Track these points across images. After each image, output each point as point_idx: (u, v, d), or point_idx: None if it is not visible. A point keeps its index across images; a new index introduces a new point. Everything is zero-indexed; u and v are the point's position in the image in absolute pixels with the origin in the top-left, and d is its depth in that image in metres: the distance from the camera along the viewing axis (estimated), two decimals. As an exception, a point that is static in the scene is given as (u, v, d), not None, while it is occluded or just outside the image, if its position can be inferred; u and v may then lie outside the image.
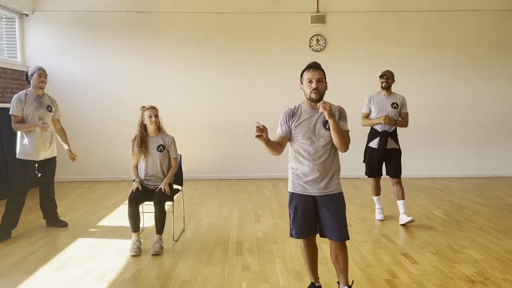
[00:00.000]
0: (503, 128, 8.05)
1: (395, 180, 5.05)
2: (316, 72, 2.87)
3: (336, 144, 2.84)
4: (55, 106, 4.90)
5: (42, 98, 4.76)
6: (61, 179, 7.79)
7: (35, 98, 4.70)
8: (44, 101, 4.78)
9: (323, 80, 2.89)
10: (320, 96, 2.87)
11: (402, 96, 5.05)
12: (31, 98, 4.67)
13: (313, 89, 2.85)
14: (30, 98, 4.67)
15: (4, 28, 7.54)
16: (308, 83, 2.88)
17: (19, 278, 3.54)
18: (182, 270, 3.71)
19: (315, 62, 2.94)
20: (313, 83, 2.85)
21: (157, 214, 4.19)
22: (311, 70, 2.88)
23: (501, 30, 7.91)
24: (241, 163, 7.96)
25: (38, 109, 4.68)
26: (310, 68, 2.89)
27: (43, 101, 4.76)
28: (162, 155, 4.35)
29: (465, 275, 3.53)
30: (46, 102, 4.79)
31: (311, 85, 2.86)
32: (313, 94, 2.86)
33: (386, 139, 4.95)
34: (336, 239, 2.91)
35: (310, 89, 2.86)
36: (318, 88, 2.85)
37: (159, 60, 7.82)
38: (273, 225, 5.03)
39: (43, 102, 4.76)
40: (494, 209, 5.64)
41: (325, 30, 7.84)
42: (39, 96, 4.73)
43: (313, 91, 2.85)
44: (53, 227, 4.99)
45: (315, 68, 2.88)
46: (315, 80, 2.85)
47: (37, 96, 4.72)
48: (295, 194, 2.97)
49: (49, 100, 4.85)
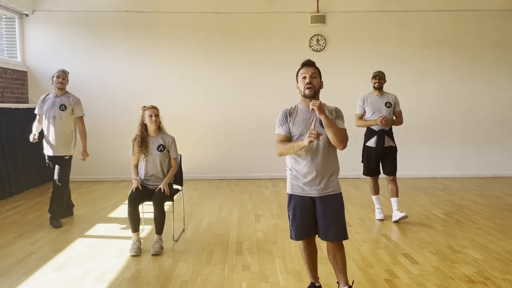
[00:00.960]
0: (503, 128, 8.05)
1: (390, 178, 5.09)
2: (310, 68, 2.88)
3: (332, 140, 2.81)
4: (73, 105, 5.06)
5: (59, 97, 5.05)
6: (61, 179, 7.81)
7: (52, 98, 5.07)
8: (60, 100, 5.04)
9: (317, 76, 2.89)
10: (315, 92, 2.86)
11: (394, 95, 5.12)
12: (50, 98, 5.08)
13: (307, 83, 2.85)
14: (49, 97, 5.09)
15: (4, 28, 7.54)
16: (302, 79, 2.89)
17: (19, 278, 3.54)
18: (182, 270, 3.71)
19: (309, 59, 2.95)
20: (306, 78, 2.86)
21: (157, 214, 4.19)
22: (305, 67, 2.90)
23: (501, 30, 7.91)
24: (241, 163, 7.96)
25: (51, 108, 5.01)
26: (304, 66, 2.91)
27: (58, 100, 5.04)
28: (162, 155, 4.35)
29: (465, 275, 3.53)
30: (61, 102, 5.03)
31: (305, 80, 2.86)
32: (307, 90, 2.85)
33: (384, 138, 4.99)
34: (333, 239, 2.90)
35: (304, 85, 2.86)
36: (312, 83, 2.85)
37: (159, 60, 7.82)
38: (273, 225, 5.03)
39: (58, 101, 5.03)
40: (494, 209, 5.64)
41: (325, 30, 7.84)
42: (56, 96, 5.07)
43: (307, 86, 2.85)
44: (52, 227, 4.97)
45: (309, 65, 2.90)
46: (308, 76, 2.86)
47: (55, 96, 5.07)
48: (293, 196, 2.97)
49: (67, 100, 5.06)
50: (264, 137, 7.58)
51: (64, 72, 5.08)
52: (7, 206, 5.97)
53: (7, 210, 5.74)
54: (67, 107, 5.02)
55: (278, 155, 2.95)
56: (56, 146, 5.01)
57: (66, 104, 5.02)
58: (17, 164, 6.75)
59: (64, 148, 5.03)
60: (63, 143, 5.02)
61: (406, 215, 4.95)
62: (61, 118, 4.99)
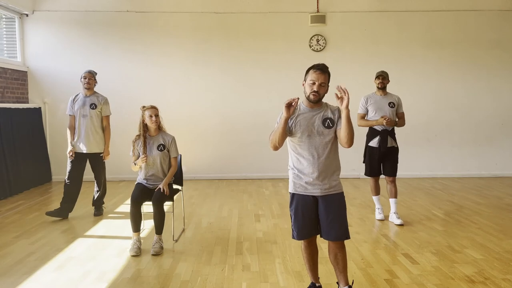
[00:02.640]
0: (503, 128, 8.05)
1: (390, 179, 5.09)
2: (322, 76, 2.83)
3: (345, 137, 2.78)
4: (101, 104, 5.37)
5: (89, 97, 5.35)
6: (61, 179, 7.79)
7: (82, 98, 5.36)
8: (90, 100, 5.34)
9: (325, 85, 2.87)
10: (319, 99, 2.87)
11: (397, 96, 5.11)
12: (80, 98, 5.38)
13: (314, 91, 2.84)
14: (79, 97, 5.39)
15: (4, 28, 7.54)
16: (310, 83, 2.86)
17: (19, 278, 3.55)
18: (182, 270, 3.71)
19: (324, 64, 2.89)
20: (315, 85, 2.84)
21: (156, 214, 4.19)
22: (318, 72, 2.84)
23: (501, 30, 7.91)
24: (241, 163, 7.96)
25: (82, 107, 5.31)
26: (317, 70, 2.85)
27: (88, 100, 5.34)
28: (162, 155, 4.35)
29: (465, 275, 3.53)
30: (91, 101, 5.34)
31: (313, 87, 2.85)
32: (312, 96, 2.85)
33: (387, 138, 4.98)
34: (335, 239, 2.90)
35: (311, 91, 2.85)
36: (318, 91, 2.84)
37: (159, 60, 7.82)
38: (273, 225, 5.03)
39: (88, 101, 5.33)
40: (494, 209, 5.64)
41: (325, 30, 7.85)
42: (85, 96, 5.36)
43: (312, 93, 2.85)
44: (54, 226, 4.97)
45: (322, 71, 2.84)
46: (318, 83, 2.83)
47: (84, 96, 5.37)
48: (296, 195, 2.97)
49: (96, 99, 5.37)
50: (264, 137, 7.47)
51: (90, 72, 5.37)
52: (7, 206, 5.97)
53: (7, 210, 5.74)
54: (97, 106, 5.34)
55: (272, 146, 2.89)
56: (91, 143, 5.34)
57: (95, 103, 5.34)
58: (17, 164, 6.75)
59: (98, 144, 5.39)
60: (98, 139, 5.38)
61: (403, 223, 4.95)
62: (93, 115, 5.32)
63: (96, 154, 5.41)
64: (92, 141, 5.34)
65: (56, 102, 7.73)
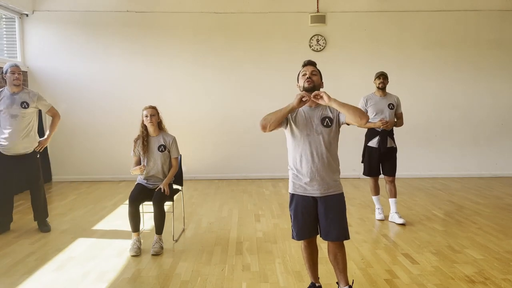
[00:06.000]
0: (503, 128, 8.05)
1: (390, 179, 5.10)
2: (310, 67, 2.98)
3: (353, 119, 2.74)
4: (35, 101, 4.71)
5: (17, 95, 4.64)
6: (61, 179, 7.81)
7: (9, 96, 4.63)
8: (19, 97, 4.64)
9: (317, 74, 2.96)
10: (314, 86, 2.89)
11: (396, 97, 5.12)
12: (6, 96, 4.63)
13: (307, 78, 2.91)
14: (5, 95, 4.63)
15: (4, 28, 7.54)
16: (302, 76, 2.97)
17: (19, 278, 3.55)
18: (182, 270, 3.71)
19: (310, 59, 3.04)
20: (307, 75, 2.93)
21: (156, 214, 4.19)
22: (306, 66, 3.00)
23: (501, 30, 7.91)
24: (241, 163, 7.96)
25: (11, 107, 4.59)
26: (305, 65, 3.01)
27: (17, 98, 4.63)
28: (163, 155, 4.35)
29: (465, 275, 3.53)
30: (21, 99, 4.63)
31: (305, 77, 2.94)
32: (306, 83, 2.90)
33: (386, 138, 4.99)
34: (334, 239, 2.90)
35: (305, 79, 2.92)
36: (311, 78, 2.91)
37: (159, 60, 7.81)
38: (273, 225, 5.03)
39: (17, 99, 4.63)
40: (494, 209, 5.64)
41: (325, 30, 7.84)
42: (14, 93, 4.65)
43: (307, 80, 2.91)
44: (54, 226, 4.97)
45: (309, 63, 3.00)
46: (308, 72, 2.93)
47: (11, 94, 4.64)
48: (295, 195, 2.97)
49: (27, 96, 4.68)
50: (264, 137, 7.54)
51: (18, 67, 4.69)
52: (7, 206, 5.96)
53: (7, 210, 5.73)
54: (29, 104, 4.67)
55: (262, 124, 2.84)
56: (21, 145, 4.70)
57: (27, 101, 4.66)
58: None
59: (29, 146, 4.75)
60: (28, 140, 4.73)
61: (405, 223, 4.95)
62: (25, 115, 4.66)
63: (27, 154, 4.72)
64: (22, 143, 4.65)
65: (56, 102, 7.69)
